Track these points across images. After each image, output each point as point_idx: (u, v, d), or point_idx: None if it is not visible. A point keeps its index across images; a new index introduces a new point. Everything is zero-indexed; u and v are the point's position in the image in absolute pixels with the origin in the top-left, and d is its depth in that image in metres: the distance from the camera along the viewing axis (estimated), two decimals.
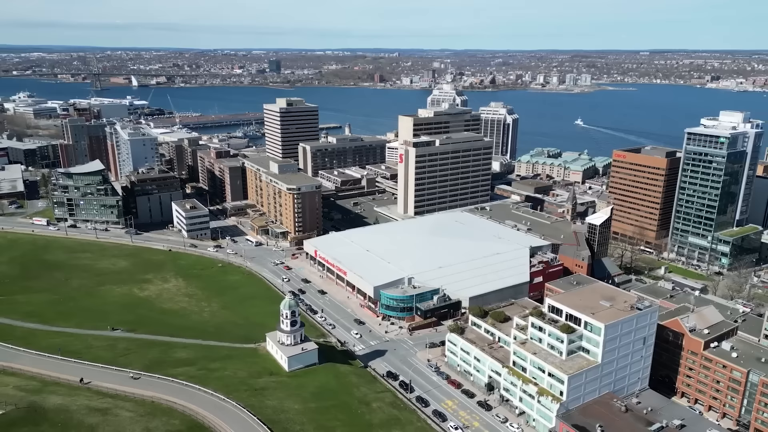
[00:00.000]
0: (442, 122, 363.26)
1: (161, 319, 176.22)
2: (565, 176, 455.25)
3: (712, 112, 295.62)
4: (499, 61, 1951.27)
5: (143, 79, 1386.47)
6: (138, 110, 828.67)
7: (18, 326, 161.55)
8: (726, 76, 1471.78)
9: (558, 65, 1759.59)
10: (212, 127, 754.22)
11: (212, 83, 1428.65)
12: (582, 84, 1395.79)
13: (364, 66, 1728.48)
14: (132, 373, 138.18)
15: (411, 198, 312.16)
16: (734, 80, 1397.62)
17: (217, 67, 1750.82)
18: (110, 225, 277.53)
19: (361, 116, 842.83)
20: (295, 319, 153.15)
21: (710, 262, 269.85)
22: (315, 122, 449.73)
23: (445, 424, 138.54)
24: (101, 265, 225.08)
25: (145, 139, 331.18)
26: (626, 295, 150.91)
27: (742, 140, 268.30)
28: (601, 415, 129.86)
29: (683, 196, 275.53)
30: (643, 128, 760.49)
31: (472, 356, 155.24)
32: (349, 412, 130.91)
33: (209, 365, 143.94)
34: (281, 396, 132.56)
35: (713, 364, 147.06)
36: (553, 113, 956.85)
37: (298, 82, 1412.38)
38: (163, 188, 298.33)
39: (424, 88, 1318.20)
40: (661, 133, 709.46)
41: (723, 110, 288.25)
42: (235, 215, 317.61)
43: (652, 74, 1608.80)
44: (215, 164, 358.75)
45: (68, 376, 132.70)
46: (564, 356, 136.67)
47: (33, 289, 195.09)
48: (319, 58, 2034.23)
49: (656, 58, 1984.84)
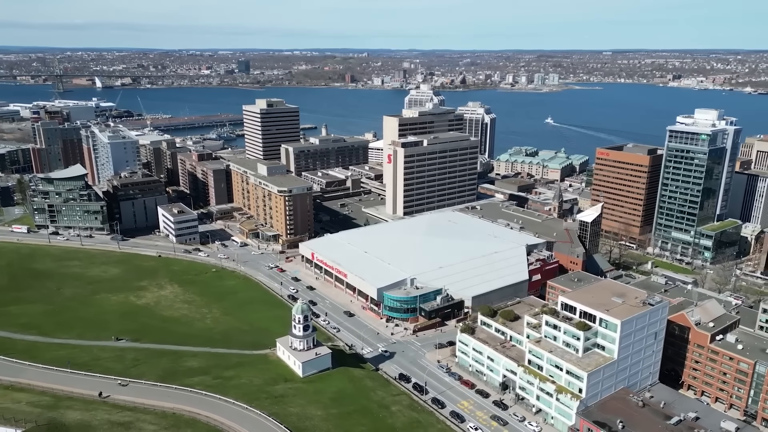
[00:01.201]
0: (427, 122, 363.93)
1: (164, 328, 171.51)
2: (543, 174, 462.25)
3: (676, 110, 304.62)
4: (468, 61, 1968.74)
5: (107, 81, 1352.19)
6: (105, 112, 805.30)
7: (18, 339, 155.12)
8: (687, 75, 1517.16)
9: (525, 65, 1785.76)
10: (184, 129, 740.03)
11: (180, 84, 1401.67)
12: (550, 83, 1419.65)
13: (334, 66, 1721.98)
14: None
15: (400, 198, 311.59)
16: (695, 79, 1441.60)
17: (183, 67, 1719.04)
18: (94, 231, 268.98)
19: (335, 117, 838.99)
20: (307, 324, 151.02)
21: (693, 256, 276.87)
22: (296, 123, 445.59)
23: (464, 425, 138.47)
24: (92, 273, 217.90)
25: (126, 142, 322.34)
26: (636, 291, 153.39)
27: (722, 137, 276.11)
28: (619, 411, 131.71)
29: (666, 192, 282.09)
30: (612, 126, 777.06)
31: (485, 356, 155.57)
32: (372, 416, 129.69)
33: (223, 373, 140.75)
34: (302, 403, 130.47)
35: (720, 357, 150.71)
36: (523, 112, 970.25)
37: (268, 83, 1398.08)
38: (148, 192, 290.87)
39: (396, 88, 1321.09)
40: (630, 130, 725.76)
41: (683, 107, 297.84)
42: (222, 219, 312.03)
43: (616, 73, 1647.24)
44: (197, 167, 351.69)
45: (81, 390, 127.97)
46: (580, 353, 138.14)
47: (25, 300, 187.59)
48: (288, 59, 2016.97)
49: (619, 57, 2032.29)
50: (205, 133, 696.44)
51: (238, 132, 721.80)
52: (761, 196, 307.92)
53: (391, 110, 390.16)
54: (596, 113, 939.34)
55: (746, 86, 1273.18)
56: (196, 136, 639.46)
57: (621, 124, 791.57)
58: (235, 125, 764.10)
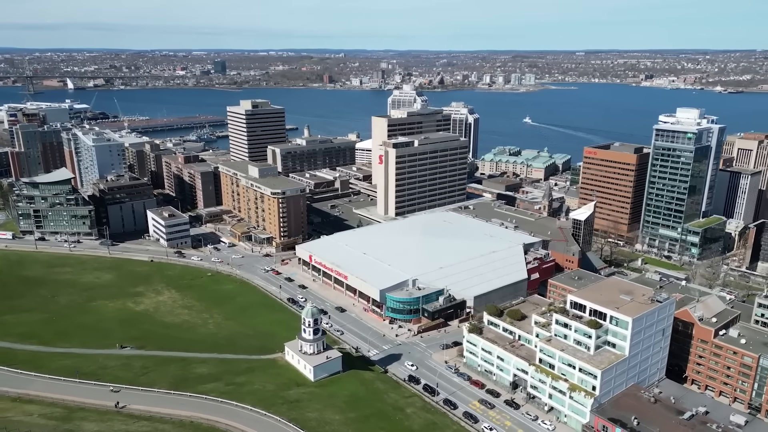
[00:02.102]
0: (415, 122, 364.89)
1: (168, 334, 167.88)
2: (527, 174, 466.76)
3: (651, 109, 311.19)
4: (444, 62, 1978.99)
5: (79, 82, 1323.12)
6: (80, 114, 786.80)
7: (18, 349, 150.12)
8: (659, 74, 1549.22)
9: (501, 65, 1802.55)
10: (162, 130, 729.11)
11: (155, 85, 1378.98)
12: (526, 83, 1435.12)
13: (311, 66, 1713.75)
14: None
15: (392, 199, 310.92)
16: (666, 78, 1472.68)
17: (157, 68, 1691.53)
18: (82, 236, 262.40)
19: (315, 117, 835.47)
20: (317, 327, 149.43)
21: (681, 252, 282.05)
22: (282, 124, 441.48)
23: (478, 425, 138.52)
24: (85, 279, 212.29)
25: (111, 144, 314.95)
26: (642, 288, 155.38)
27: (707, 135, 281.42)
28: (632, 407, 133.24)
29: (653, 190, 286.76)
30: (590, 125, 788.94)
31: (495, 356, 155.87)
32: (389, 419, 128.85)
33: (235, 379, 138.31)
34: (318, 407, 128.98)
35: (723, 351, 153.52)
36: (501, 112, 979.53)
37: (246, 84, 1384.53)
38: (136, 196, 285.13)
39: (375, 88, 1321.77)
40: (607, 129, 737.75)
41: (657, 107, 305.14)
42: (211, 222, 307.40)
43: (590, 73, 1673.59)
44: (184, 169, 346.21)
45: (92, 401, 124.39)
46: (592, 351, 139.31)
47: (20, 308, 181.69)
48: (264, 59, 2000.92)
49: (592, 58, 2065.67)
50: (185, 134, 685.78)
51: (218, 133, 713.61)
52: (744, 193, 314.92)
53: (371, 111, 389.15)
54: (573, 113, 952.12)
55: (716, 85, 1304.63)
56: (175, 138, 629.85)
57: (598, 123, 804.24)
58: (215, 127, 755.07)
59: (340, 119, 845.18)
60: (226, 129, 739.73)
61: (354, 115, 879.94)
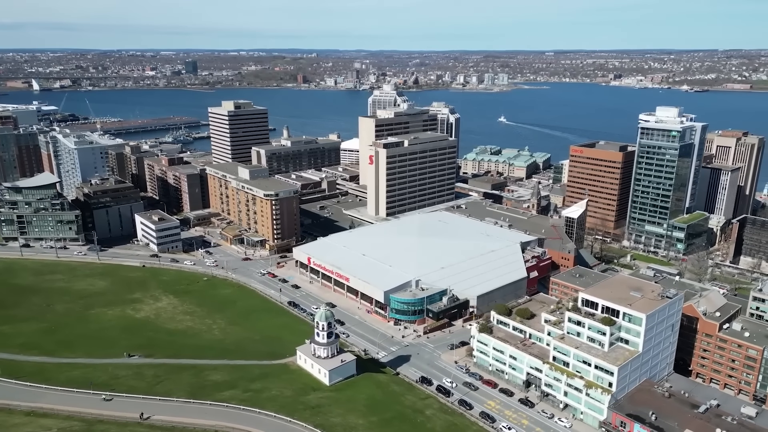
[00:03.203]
0: (402, 122, 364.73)
1: (174, 341, 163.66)
2: (509, 172, 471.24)
3: (622, 108, 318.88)
4: (417, 62, 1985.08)
5: (45, 83, 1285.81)
6: (49, 116, 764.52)
7: (22, 361, 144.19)
8: (627, 74, 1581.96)
9: (474, 65, 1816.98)
10: (136, 132, 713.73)
11: (124, 86, 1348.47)
12: (500, 83, 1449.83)
13: (284, 67, 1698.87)
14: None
15: (383, 199, 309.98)
16: (635, 78, 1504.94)
17: (126, 68, 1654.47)
18: (68, 242, 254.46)
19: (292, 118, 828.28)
20: (331, 331, 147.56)
21: (666, 248, 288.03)
22: (265, 125, 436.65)
23: (495, 425, 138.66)
24: (79, 286, 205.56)
25: (94, 147, 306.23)
26: (650, 284, 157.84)
27: (690, 133, 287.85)
28: (648, 402, 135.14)
29: (639, 187, 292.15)
30: (564, 124, 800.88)
31: (507, 355, 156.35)
32: (411, 422, 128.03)
33: (251, 386, 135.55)
34: (340, 412, 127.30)
35: (728, 344, 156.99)
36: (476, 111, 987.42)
37: (218, 84, 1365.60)
38: (122, 200, 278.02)
39: (350, 88, 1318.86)
40: (581, 127, 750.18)
41: (627, 105, 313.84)
42: (199, 225, 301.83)
43: (561, 73, 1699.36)
44: (168, 172, 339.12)
45: (111, 412, 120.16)
46: (606, 348, 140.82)
47: (16, 318, 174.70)
48: (236, 59, 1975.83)
49: (561, 58, 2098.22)
50: (160, 136, 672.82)
51: (194, 135, 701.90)
52: (724, 189, 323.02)
53: (347, 111, 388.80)
54: (546, 111, 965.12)
55: (683, 84, 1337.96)
56: (150, 139, 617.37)
57: (572, 122, 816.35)
58: (191, 128, 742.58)
59: (318, 119, 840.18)
60: (202, 130, 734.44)
61: (331, 116, 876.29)
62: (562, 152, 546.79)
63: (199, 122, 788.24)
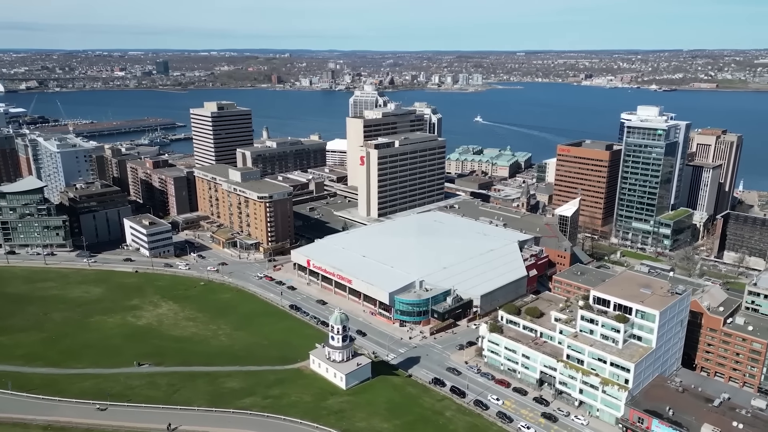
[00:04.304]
0: (390, 123, 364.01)
1: (182, 348, 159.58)
2: (493, 172, 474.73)
3: (595, 107, 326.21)
4: (390, 62, 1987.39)
5: (10, 84, 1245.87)
6: (17, 118, 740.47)
7: (29, 373, 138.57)
8: (597, 74, 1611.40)
9: (448, 65, 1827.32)
10: (110, 134, 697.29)
11: (93, 87, 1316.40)
12: (474, 83, 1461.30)
13: (257, 67, 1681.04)
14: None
15: (374, 200, 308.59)
16: (605, 78, 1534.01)
17: (94, 69, 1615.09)
18: (56, 248, 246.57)
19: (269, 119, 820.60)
20: (346, 334, 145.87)
21: (653, 244, 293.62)
22: (249, 126, 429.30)
23: (513, 424, 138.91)
24: (74, 294, 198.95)
25: (78, 150, 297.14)
26: (657, 281, 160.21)
27: (674, 132, 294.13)
28: (663, 398, 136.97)
29: (626, 185, 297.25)
30: (540, 123, 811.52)
31: (520, 354, 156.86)
32: (435, 425, 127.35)
33: (269, 392, 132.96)
34: (363, 416, 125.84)
35: (733, 338, 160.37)
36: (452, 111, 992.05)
37: (191, 85, 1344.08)
38: (109, 204, 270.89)
39: (325, 89, 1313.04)
40: (557, 127, 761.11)
41: (600, 104, 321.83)
42: (188, 229, 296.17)
43: (533, 73, 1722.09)
44: (153, 175, 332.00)
45: (134, 424, 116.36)
46: (620, 345, 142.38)
47: (13, 328, 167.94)
48: (208, 59, 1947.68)
49: (533, 58, 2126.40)
50: (135, 138, 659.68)
51: (171, 137, 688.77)
52: (706, 186, 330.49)
53: (325, 112, 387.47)
54: (522, 111, 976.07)
55: (651, 84, 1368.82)
56: (125, 141, 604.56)
57: (548, 121, 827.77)
58: (167, 130, 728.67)
59: (295, 120, 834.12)
60: (179, 132, 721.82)
61: (308, 116, 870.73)
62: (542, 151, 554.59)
63: (175, 123, 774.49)
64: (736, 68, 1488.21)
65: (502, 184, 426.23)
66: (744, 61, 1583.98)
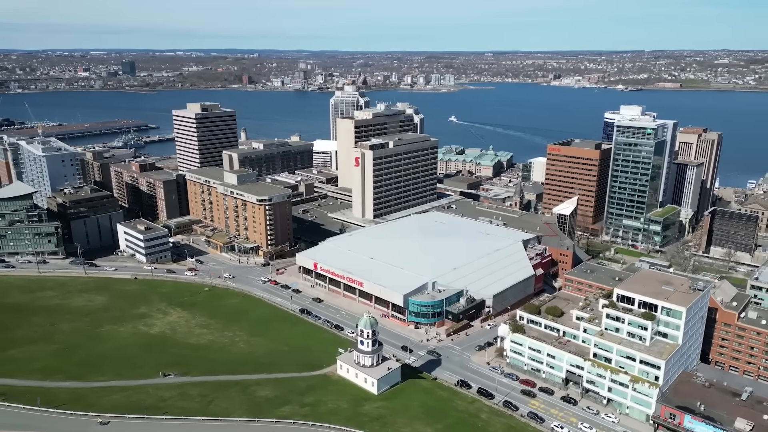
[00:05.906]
0: (380, 123, 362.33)
1: (203, 357, 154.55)
2: (477, 172, 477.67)
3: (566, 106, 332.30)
4: (361, 62, 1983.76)
5: None
6: None
7: (53, 387, 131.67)
8: (565, 74, 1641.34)
9: (418, 66, 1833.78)
10: (81, 137, 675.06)
11: (56, 88, 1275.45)
12: (446, 84, 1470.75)
13: (227, 67, 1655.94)
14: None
15: (369, 201, 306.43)
16: (573, 78, 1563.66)
17: (56, 69, 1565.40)
18: (48, 256, 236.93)
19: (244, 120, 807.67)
20: (375, 338, 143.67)
21: (644, 241, 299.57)
22: (233, 128, 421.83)
23: (545, 424, 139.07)
24: (77, 303, 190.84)
25: (64, 154, 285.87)
26: (677, 278, 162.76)
27: (662, 131, 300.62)
28: (692, 393, 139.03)
29: (616, 183, 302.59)
30: (515, 122, 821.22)
31: (545, 353, 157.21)
32: (474, 428, 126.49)
33: (304, 400, 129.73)
34: (404, 422, 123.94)
35: (747, 333, 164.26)
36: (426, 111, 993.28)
37: (159, 85, 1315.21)
38: (101, 209, 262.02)
39: (298, 89, 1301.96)
40: (533, 126, 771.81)
41: (571, 104, 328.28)
42: (180, 233, 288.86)
43: (503, 73, 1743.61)
44: (141, 178, 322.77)
45: None
46: (648, 343, 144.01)
47: (23, 341, 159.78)
48: (174, 59, 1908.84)
49: (501, 58, 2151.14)
50: (107, 140, 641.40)
51: (146, 138, 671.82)
52: (690, 183, 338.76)
53: (299, 112, 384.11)
54: (495, 111, 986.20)
55: (618, 84, 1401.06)
56: (98, 144, 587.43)
57: (522, 121, 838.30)
58: (141, 131, 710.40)
59: (271, 121, 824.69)
60: (153, 133, 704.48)
61: (282, 117, 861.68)
62: (522, 150, 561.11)
63: (148, 125, 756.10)
64: (698, 68, 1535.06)
65: (489, 184, 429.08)
66: (705, 61, 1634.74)
